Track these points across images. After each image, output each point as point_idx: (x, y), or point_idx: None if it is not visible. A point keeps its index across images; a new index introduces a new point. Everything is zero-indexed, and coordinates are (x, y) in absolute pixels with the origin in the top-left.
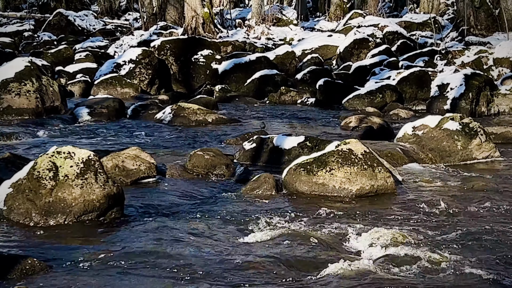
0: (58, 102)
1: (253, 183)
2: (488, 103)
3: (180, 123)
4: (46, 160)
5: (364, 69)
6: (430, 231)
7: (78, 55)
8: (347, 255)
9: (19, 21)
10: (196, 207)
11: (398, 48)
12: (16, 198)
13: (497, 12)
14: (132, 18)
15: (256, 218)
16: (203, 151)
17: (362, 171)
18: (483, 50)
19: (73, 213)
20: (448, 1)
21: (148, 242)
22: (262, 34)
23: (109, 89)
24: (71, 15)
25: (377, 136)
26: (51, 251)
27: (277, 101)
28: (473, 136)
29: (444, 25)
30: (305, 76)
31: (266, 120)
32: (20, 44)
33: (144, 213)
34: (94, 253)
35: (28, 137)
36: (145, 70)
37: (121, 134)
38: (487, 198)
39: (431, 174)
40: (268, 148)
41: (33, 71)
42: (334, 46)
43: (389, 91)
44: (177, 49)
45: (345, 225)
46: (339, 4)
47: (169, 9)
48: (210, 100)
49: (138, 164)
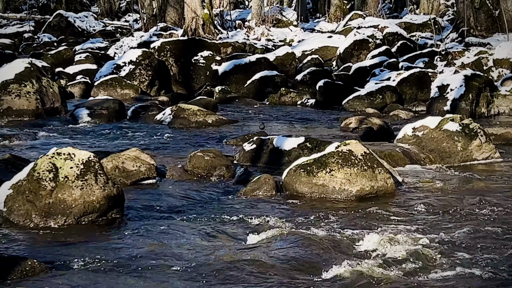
0: (58, 104)
1: (253, 184)
2: (488, 104)
3: (180, 124)
4: (46, 161)
5: (364, 70)
6: (431, 232)
7: (78, 56)
8: (348, 256)
9: (19, 23)
10: (196, 208)
11: (398, 49)
12: (16, 200)
13: (497, 13)
14: (132, 19)
15: (256, 219)
16: (203, 152)
17: (362, 172)
18: (483, 51)
19: (73, 214)
20: (448, 2)
21: (148, 243)
22: (262, 35)
23: (109, 90)
24: (71, 16)
25: (377, 137)
26: (51, 252)
27: (277, 102)
28: (473, 137)
29: (444, 26)
30: (305, 77)
31: (266, 121)
32: (20, 46)
33: (144, 215)
34: (94, 254)
35: (28, 139)
36: (145, 71)
37: (121, 136)
38: (487, 199)
39: (431, 175)
40: (268, 149)
41: (33, 73)
42: (334, 47)
43: (389, 92)
44: (177, 50)
45: (346, 226)
46: (339, 5)
47: (169, 10)
48: (210, 101)
49: (138, 165)
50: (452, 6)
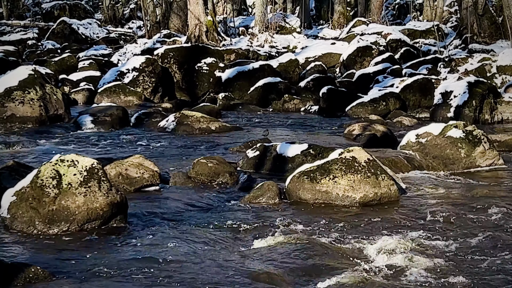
0: (62, 110)
1: (256, 191)
2: (491, 110)
3: (184, 131)
4: (49, 168)
5: (367, 76)
6: (434, 239)
7: (82, 63)
8: (351, 263)
9: (22, 30)
10: (200, 215)
11: (401, 55)
12: (20, 206)
13: (500, 19)
14: (135, 26)
15: (260, 226)
16: (206, 159)
17: (366, 179)
18: (487, 58)
19: (76, 221)
20: (452, 9)
21: (151, 250)
22: (265, 42)
23: (112, 97)
24: (75, 23)
25: (381, 144)
26: (54, 259)
27: (280, 109)
28: (477, 144)
29: (448, 32)
30: (308, 84)
31: (270, 128)
32: (24, 53)
33: (148, 221)
34: (98, 261)
35: (32, 145)
36: (148, 78)
37: (125, 142)
38: (491, 205)
39: (434, 182)
40: (272, 156)
41: (37, 79)
42: (338, 54)
43: (393, 98)
44: (181, 57)
45: (349, 233)
46: (342, 12)
47: (173, 17)
48: (213, 108)
49: (141, 172)
50: (456, 13)
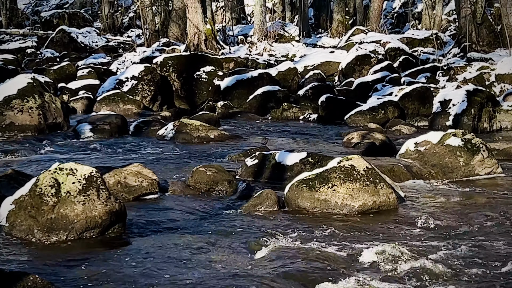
0: (61, 119)
1: (255, 199)
2: (490, 119)
3: (183, 139)
4: (48, 177)
5: (366, 85)
6: (433, 248)
7: (81, 71)
8: (349, 271)
9: (21, 38)
10: (198, 223)
11: (400, 64)
12: (18, 215)
13: (499, 28)
14: (134, 34)
15: (259, 235)
16: (205, 167)
17: (364, 187)
18: (485, 66)
19: (75, 229)
20: (450, 18)
21: (150, 259)
22: (264, 51)
23: (111, 105)
24: (74, 32)
25: (380, 152)
26: (53, 268)
27: (279, 117)
28: (475, 152)
29: (446, 41)
30: (307, 92)
31: (268, 136)
32: (23, 61)
33: (147, 230)
34: (96, 270)
35: (31, 154)
36: (147, 86)
37: (123, 151)
38: (490, 214)
39: (433, 190)
40: (270, 164)
41: (36, 88)
42: (336, 62)
43: (391, 107)
44: (180, 66)
45: (348, 241)
46: (341, 21)
47: (172, 25)
48: (212, 117)
49: (140, 181)
50: (454, 21)
